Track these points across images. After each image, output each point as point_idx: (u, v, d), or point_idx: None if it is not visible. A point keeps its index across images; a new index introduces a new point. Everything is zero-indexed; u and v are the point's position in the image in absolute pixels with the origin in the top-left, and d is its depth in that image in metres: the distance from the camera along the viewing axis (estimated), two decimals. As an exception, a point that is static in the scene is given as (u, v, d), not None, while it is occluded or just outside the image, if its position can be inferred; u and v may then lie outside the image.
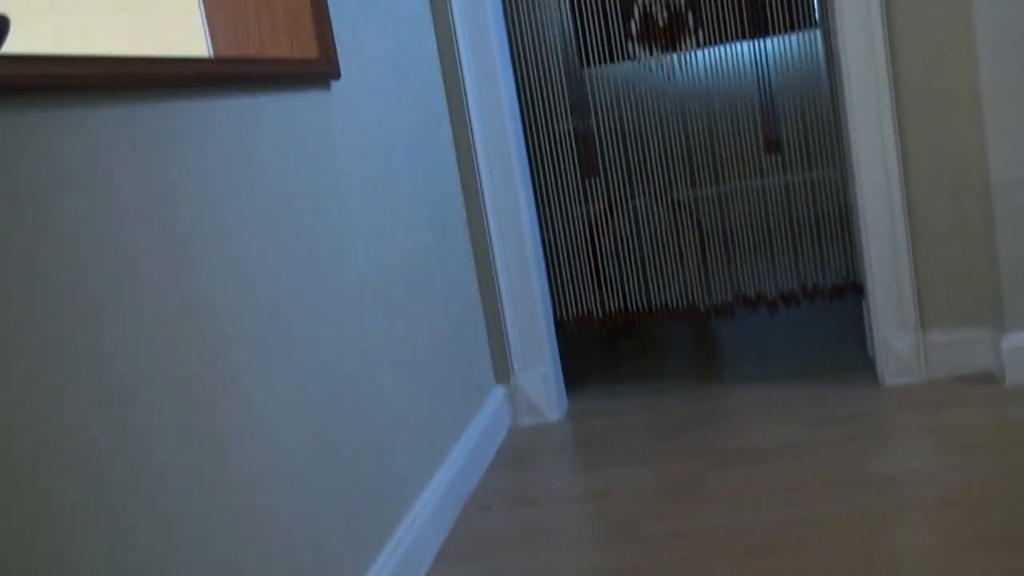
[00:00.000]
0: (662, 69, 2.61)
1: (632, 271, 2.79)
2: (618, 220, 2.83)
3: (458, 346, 2.38)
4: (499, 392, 2.65)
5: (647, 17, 2.58)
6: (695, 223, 2.74)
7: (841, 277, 2.65)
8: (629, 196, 2.81)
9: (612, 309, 2.80)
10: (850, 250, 2.63)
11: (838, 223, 2.64)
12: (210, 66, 1.38)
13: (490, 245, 2.59)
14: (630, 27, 2.59)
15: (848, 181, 2.54)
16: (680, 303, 2.76)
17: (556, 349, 2.74)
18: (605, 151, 2.72)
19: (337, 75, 1.81)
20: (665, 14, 2.56)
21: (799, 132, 2.62)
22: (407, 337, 2.04)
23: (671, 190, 2.72)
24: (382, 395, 1.87)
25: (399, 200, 2.10)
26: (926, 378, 2.44)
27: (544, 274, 2.72)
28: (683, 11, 2.56)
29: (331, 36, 1.79)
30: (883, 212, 2.38)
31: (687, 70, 2.61)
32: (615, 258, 2.81)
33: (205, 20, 1.77)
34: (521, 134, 2.64)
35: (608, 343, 3.40)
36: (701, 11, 2.55)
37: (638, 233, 2.79)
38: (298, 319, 1.56)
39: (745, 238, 2.72)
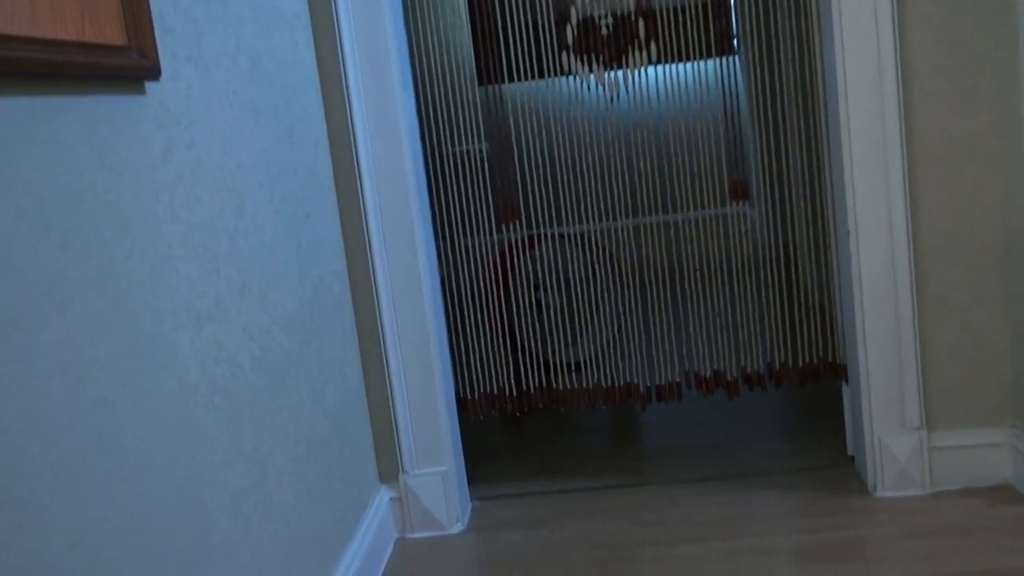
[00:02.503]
0: (603, 88, 2.06)
1: (556, 336, 2.23)
2: (541, 271, 2.27)
3: (332, 448, 1.77)
4: (384, 496, 2.04)
5: (587, 23, 2.02)
6: (636, 279, 2.19)
7: (817, 355, 2.14)
8: (554, 240, 2.25)
9: (530, 387, 2.22)
10: (830, 325, 2.12)
11: (815, 289, 2.13)
12: None
13: (378, 311, 1.98)
14: (565, 35, 2.03)
15: (834, 240, 2.03)
16: (616, 381, 2.21)
17: (459, 441, 2.15)
18: (527, 186, 2.15)
19: (156, 72, 1.18)
20: (610, 20, 2.01)
21: (772, 173, 2.11)
22: (257, 453, 1.42)
23: (607, 232, 2.17)
24: (219, 546, 1.25)
25: (252, 258, 1.47)
26: (930, 490, 1.94)
27: (447, 348, 2.13)
28: (633, 19, 2.01)
29: (148, 13, 1.17)
30: (884, 283, 1.87)
31: (635, 90, 2.06)
32: (534, 320, 2.25)
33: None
34: (422, 165, 2.05)
35: (512, 418, 2.82)
36: (656, 20, 2.01)
37: (565, 286, 2.23)
38: (66, 464, 0.93)
39: (697, 300, 2.19)
